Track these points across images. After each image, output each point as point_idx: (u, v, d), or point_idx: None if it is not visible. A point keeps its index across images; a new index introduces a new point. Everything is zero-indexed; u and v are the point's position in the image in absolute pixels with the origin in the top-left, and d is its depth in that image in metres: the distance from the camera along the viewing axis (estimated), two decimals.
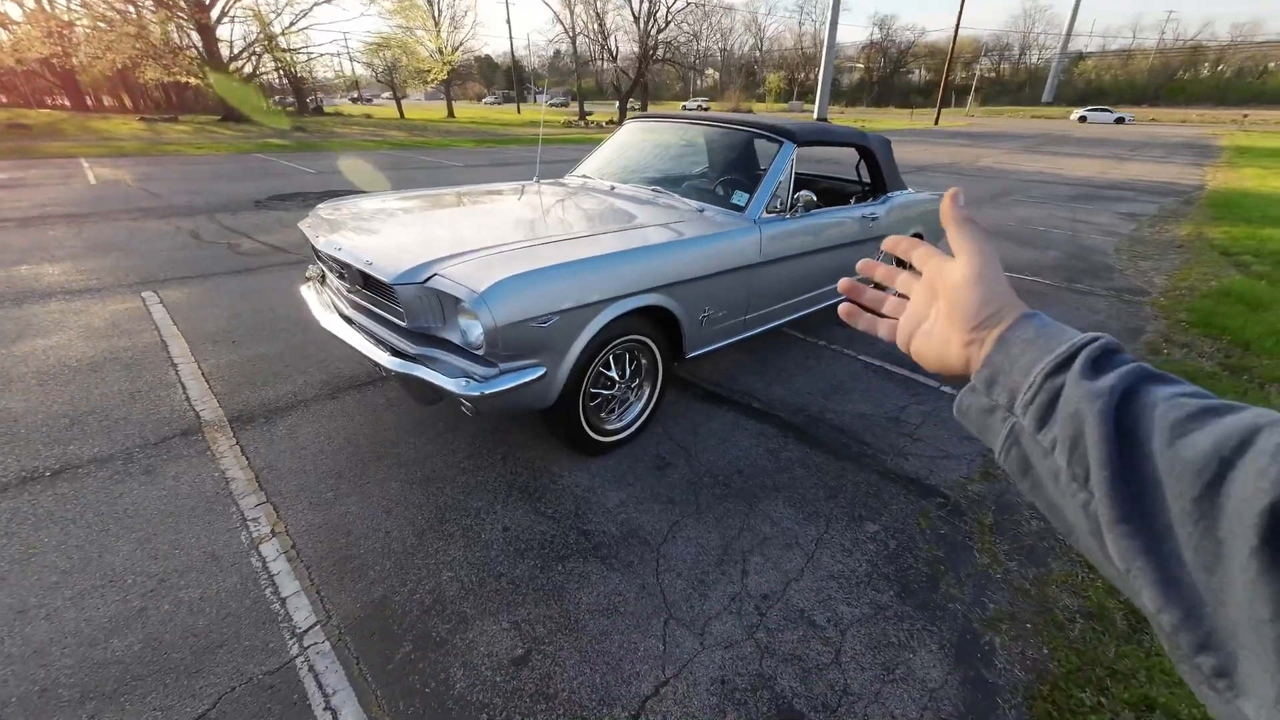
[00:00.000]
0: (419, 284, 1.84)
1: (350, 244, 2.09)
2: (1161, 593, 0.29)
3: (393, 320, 2.05)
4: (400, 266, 1.87)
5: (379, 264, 1.92)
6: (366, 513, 2.04)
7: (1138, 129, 38.41)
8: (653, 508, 2.16)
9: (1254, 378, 3.53)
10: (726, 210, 2.76)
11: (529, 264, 1.87)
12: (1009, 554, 2.06)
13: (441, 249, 1.97)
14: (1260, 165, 17.15)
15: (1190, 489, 0.28)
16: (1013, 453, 0.39)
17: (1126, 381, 0.34)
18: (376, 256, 1.96)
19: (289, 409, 2.66)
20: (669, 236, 2.34)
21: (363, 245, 2.07)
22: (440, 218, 2.53)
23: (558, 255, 1.99)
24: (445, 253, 1.94)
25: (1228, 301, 4.83)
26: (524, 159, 13.96)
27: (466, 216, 2.57)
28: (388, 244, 2.09)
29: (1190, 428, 0.30)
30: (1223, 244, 6.98)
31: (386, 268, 1.89)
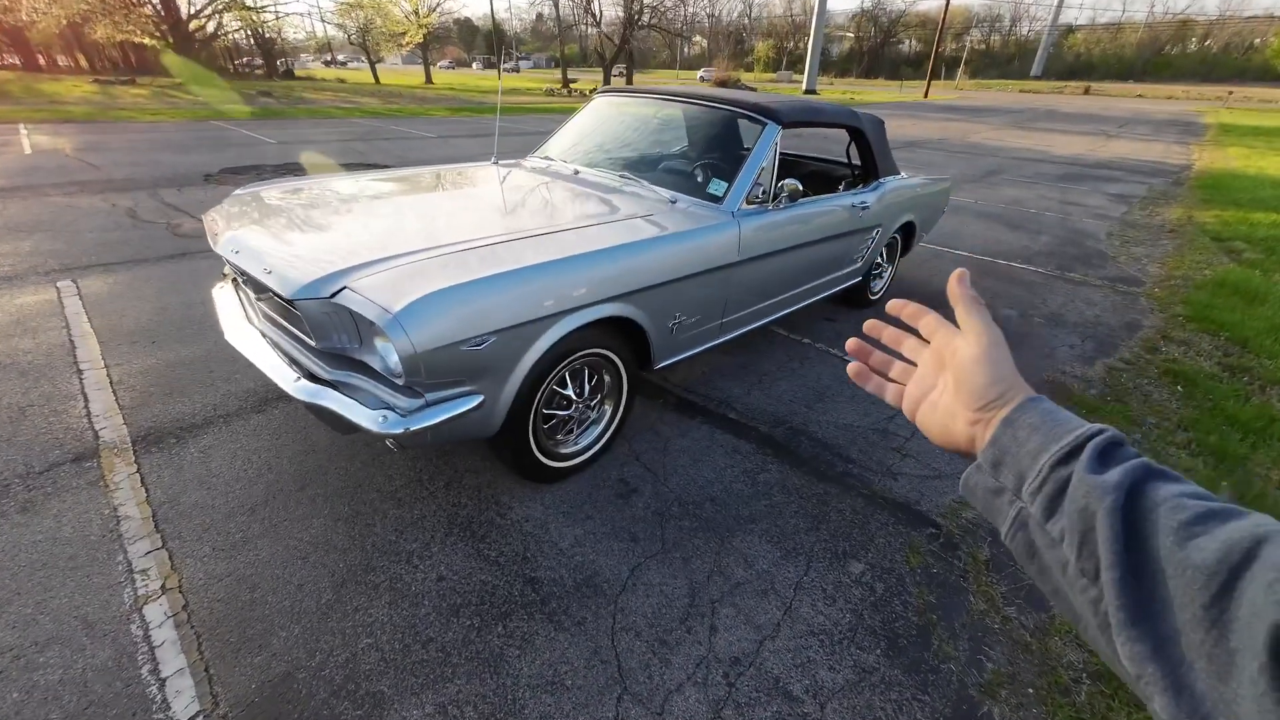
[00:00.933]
0: (324, 299, 1.53)
1: (250, 246, 1.76)
2: (1174, 700, 0.29)
3: (302, 338, 1.74)
4: (302, 277, 1.55)
5: (279, 273, 1.61)
6: (279, 559, 1.77)
7: (1125, 104, 38.15)
8: (612, 547, 1.91)
9: (1255, 378, 3.36)
10: (702, 201, 2.45)
11: (457, 275, 1.57)
12: (1007, 597, 1.85)
13: (355, 255, 1.66)
14: (1246, 144, 17.06)
15: (1200, 595, 0.29)
16: (1019, 537, 0.40)
17: (1132, 478, 0.35)
18: (277, 263, 1.64)
19: (205, 426, 2.35)
20: (634, 235, 2.03)
21: (263, 248, 1.75)
22: (369, 211, 2.18)
23: (495, 262, 1.68)
24: (359, 260, 1.62)
25: (1223, 293, 4.66)
26: (509, 130, 13.33)
27: (400, 210, 2.23)
28: (293, 247, 1.77)
29: (1197, 531, 0.31)
30: (1214, 229, 6.82)
31: (286, 278, 1.57)
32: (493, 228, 2.00)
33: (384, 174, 2.79)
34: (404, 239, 1.82)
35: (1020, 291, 4.60)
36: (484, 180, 2.77)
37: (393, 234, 1.90)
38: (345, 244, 1.78)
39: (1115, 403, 3.03)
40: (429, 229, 1.97)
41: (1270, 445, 2.70)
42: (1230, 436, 2.75)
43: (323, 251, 1.71)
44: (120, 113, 13.06)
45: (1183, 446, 2.69)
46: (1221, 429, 2.81)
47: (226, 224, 1.97)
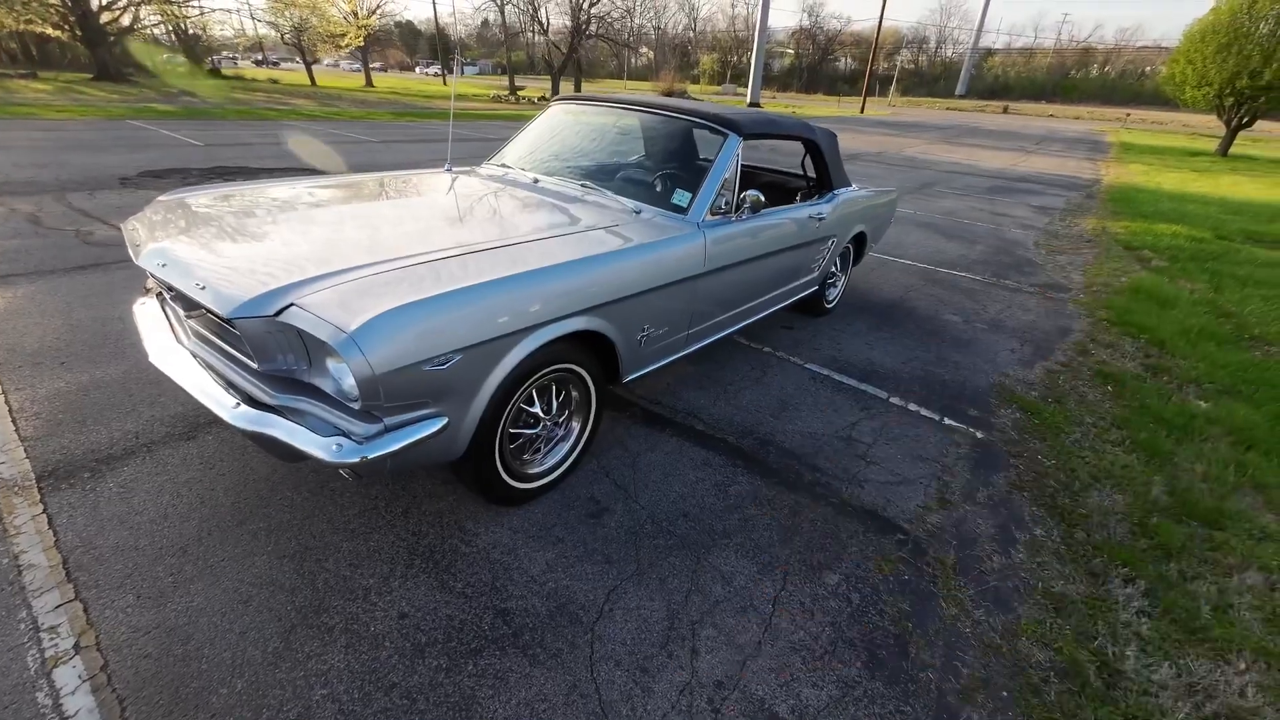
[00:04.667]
0: (268, 317, 1.40)
1: (179, 258, 1.60)
2: None
3: (242, 359, 1.58)
4: (241, 294, 1.41)
5: (214, 289, 1.45)
6: (217, 605, 1.59)
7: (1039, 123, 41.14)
8: (586, 570, 1.83)
9: (1173, 378, 3.63)
10: (666, 212, 2.43)
11: (416, 290, 1.47)
12: (975, 600, 1.89)
13: (300, 269, 1.52)
14: (1144, 162, 18.73)
15: None
16: None
17: None
18: (211, 278, 1.48)
19: (126, 457, 2.11)
20: (602, 247, 1.98)
21: (194, 261, 1.58)
22: (311, 220, 2.03)
23: (457, 277, 1.59)
24: (304, 274, 1.49)
25: (1139, 299, 5.04)
26: (456, 135, 12.99)
27: (346, 220, 2.08)
28: (229, 261, 1.61)
29: None
30: (1125, 239, 7.40)
31: (223, 295, 1.43)
32: (450, 239, 1.89)
33: (326, 180, 2.62)
34: (354, 251, 1.69)
35: (961, 298, 4.82)
36: (438, 188, 2.64)
37: (341, 246, 1.76)
38: (287, 257, 1.64)
39: (1054, 404, 3.19)
40: (380, 241, 1.84)
41: (1193, 441, 2.90)
42: (1158, 433, 2.94)
43: (263, 265, 1.56)
44: (19, 109, 11.94)
45: (1118, 444, 2.86)
46: (1150, 426, 3.00)
47: (150, 233, 1.78)
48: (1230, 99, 21.96)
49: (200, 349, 1.73)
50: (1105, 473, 2.61)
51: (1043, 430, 2.92)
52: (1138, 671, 1.69)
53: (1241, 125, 22.87)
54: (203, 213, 2.02)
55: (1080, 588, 1.98)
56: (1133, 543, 2.20)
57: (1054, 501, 2.40)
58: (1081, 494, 2.46)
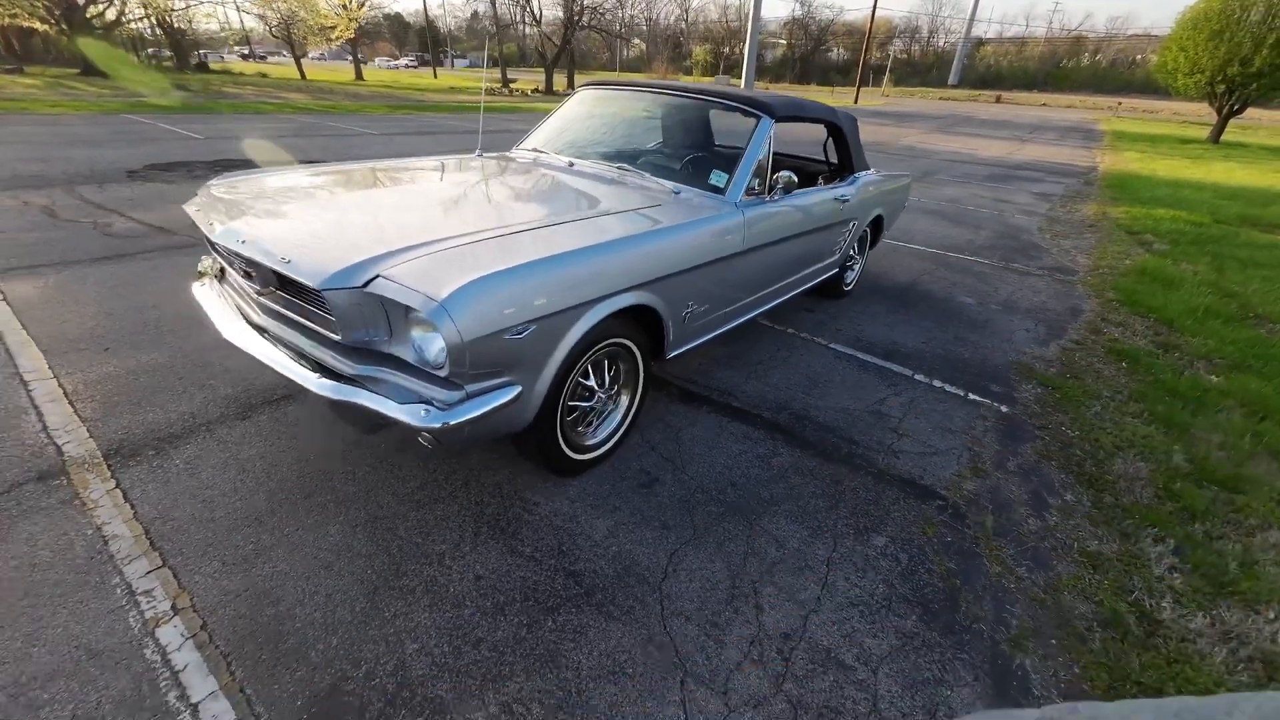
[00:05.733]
0: (356, 289, 1.45)
1: (258, 235, 1.64)
2: None
3: (321, 332, 1.63)
4: (329, 266, 1.46)
5: (301, 263, 1.50)
6: (299, 570, 1.65)
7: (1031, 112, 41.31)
8: (645, 535, 1.90)
9: (1184, 354, 3.73)
10: (705, 192, 2.48)
11: (497, 261, 1.52)
12: (1016, 559, 1.98)
13: (381, 242, 1.57)
14: (1138, 149, 18.89)
15: None
16: None
17: None
18: (296, 252, 1.53)
19: (186, 436, 2.16)
20: (653, 224, 2.03)
21: (275, 237, 1.63)
22: (371, 200, 2.08)
23: (529, 249, 1.64)
24: (387, 248, 1.54)
25: (1145, 280, 5.15)
26: (449, 127, 12.95)
27: (403, 198, 2.13)
28: (307, 235, 1.65)
29: None
30: (1126, 224, 7.51)
31: (311, 268, 1.48)
32: (510, 216, 1.94)
33: (370, 165, 2.65)
34: (424, 227, 1.74)
35: (973, 281, 4.90)
36: (484, 170, 2.68)
37: (409, 222, 1.81)
38: (364, 231, 1.69)
39: (1073, 380, 3.28)
40: (445, 217, 1.90)
41: (1208, 413, 3.00)
42: (1174, 406, 3.04)
43: (343, 239, 1.61)
44: (11, 104, 11.78)
45: (1136, 416, 2.95)
46: (1165, 399, 3.10)
47: (219, 213, 1.82)
48: (1222, 86, 22.16)
49: (273, 325, 1.77)
50: (1127, 442, 2.70)
51: (1064, 404, 3.01)
52: (1175, 621, 1.78)
53: (1233, 113, 23.10)
54: (266, 194, 2.06)
55: (1114, 546, 2.07)
56: (1159, 506, 2.29)
57: (1081, 469, 2.49)
58: (1106, 462, 2.55)
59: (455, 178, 2.53)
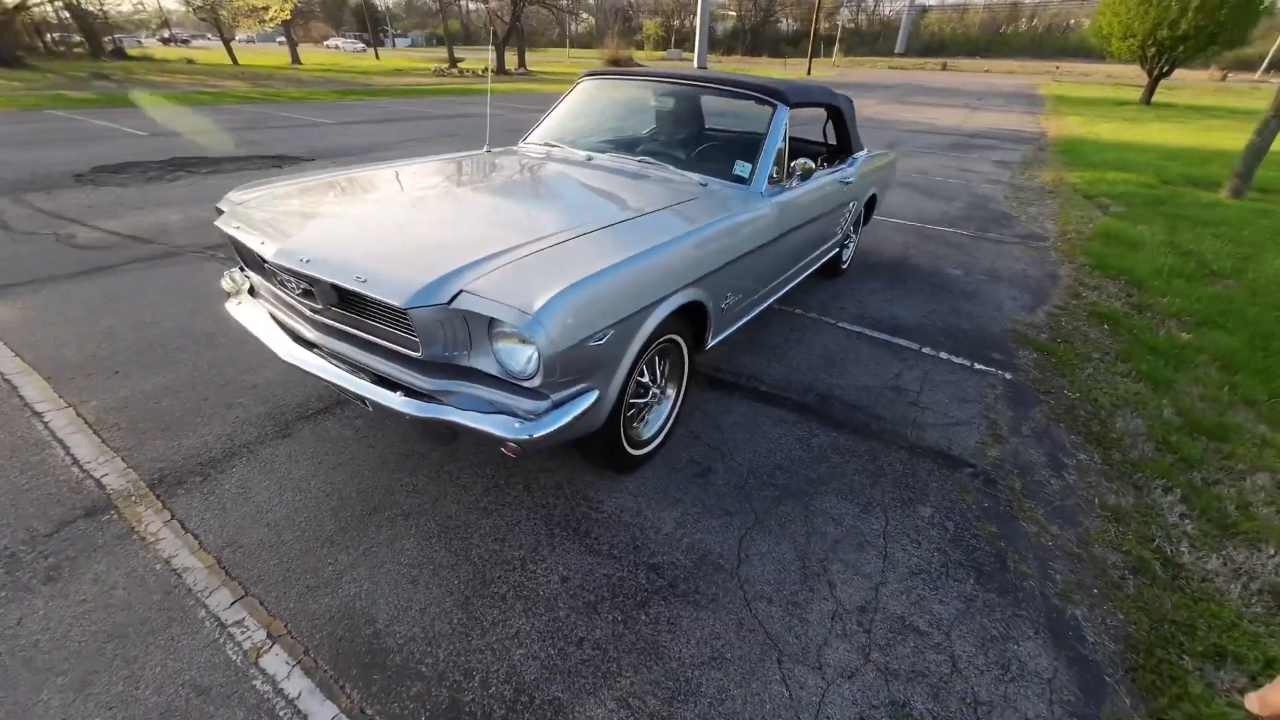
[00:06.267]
0: (441, 305, 1.44)
1: (323, 254, 1.59)
2: None
3: (393, 349, 1.61)
4: (411, 284, 1.44)
5: (378, 282, 1.47)
6: (386, 587, 1.66)
7: (976, 79, 42.41)
8: (711, 524, 1.97)
9: (1156, 313, 4.00)
10: (730, 183, 2.52)
11: (573, 269, 1.53)
12: (1048, 518, 2.13)
13: (453, 256, 1.56)
14: (1079, 113, 19.68)
15: None
16: None
17: None
18: (370, 271, 1.50)
19: (229, 459, 2.10)
20: (698, 221, 2.06)
21: (343, 255, 1.59)
22: (415, 209, 2.03)
23: (597, 254, 1.65)
24: (461, 261, 1.53)
25: (1110, 243, 5.45)
26: (408, 113, 12.47)
27: (449, 206, 2.09)
28: (377, 252, 1.62)
29: None
30: (1082, 188, 7.89)
31: (392, 287, 1.45)
32: (563, 219, 1.94)
33: (388, 168, 2.57)
34: (485, 236, 1.73)
35: (956, 253, 5.10)
36: (510, 170, 2.63)
37: (469, 231, 1.79)
38: (431, 245, 1.67)
39: (1064, 344, 3.49)
40: (501, 224, 1.88)
41: (1187, 368, 3.25)
42: (1156, 363, 3.27)
43: (415, 254, 1.59)
44: None
45: (1125, 375, 3.17)
46: (1148, 358, 3.34)
47: (270, 230, 1.75)
48: (1152, 49, 23.19)
49: (331, 343, 1.74)
50: (1123, 400, 2.91)
51: (1060, 368, 3.21)
52: (1194, 564, 1.97)
53: (1162, 74, 24.24)
54: (302, 206, 1.98)
55: (1129, 500, 2.25)
56: (1161, 458, 2.50)
57: (1088, 429, 2.68)
58: (1108, 420, 2.75)
59: (484, 180, 2.48)
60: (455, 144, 8.90)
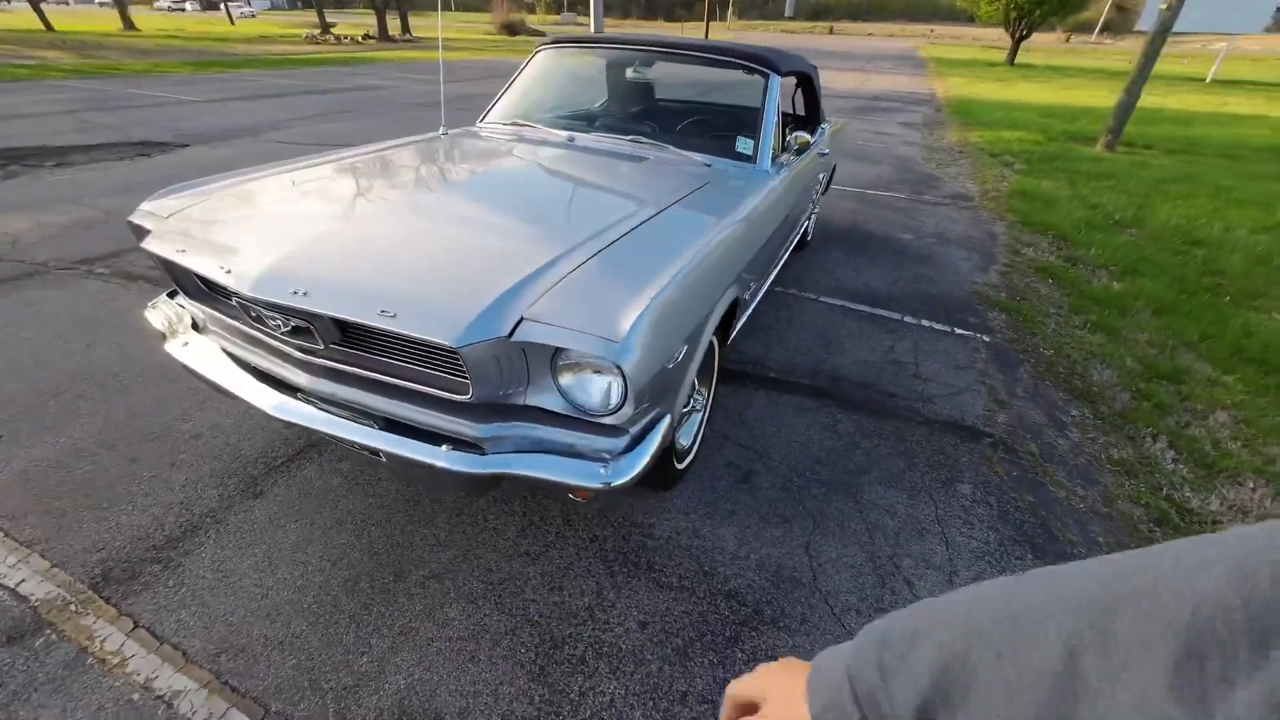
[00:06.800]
0: (501, 339, 1.17)
1: (323, 283, 1.25)
2: None
3: (428, 392, 1.31)
4: (461, 316, 1.15)
5: (414, 315, 1.17)
6: (444, 671, 1.40)
7: (862, 42, 44.51)
8: (773, 534, 1.86)
9: (1086, 265, 4.32)
10: (735, 162, 2.34)
11: (640, 283, 1.31)
12: (1070, 479, 2.21)
13: (496, 275, 1.27)
14: (959, 74, 21.12)
15: None
16: None
17: None
18: (398, 302, 1.19)
19: (191, 535, 1.70)
20: (726, 211, 1.87)
21: (351, 284, 1.25)
22: (409, 215, 1.66)
23: (651, 262, 1.43)
24: (508, 281, 1.25)
25: (1028, 200, 5.84)
26: (294, 87, 11.03)
27: (444, 209, 1.73)
28: (391, 275, 1.29)
29: None
30: (985, 148, 8.42)
31: (436, 321, 1.15)
32: (587, 218, 1.67)
33: (338, 160, 2.14)
34: (514, 246, 1.44)
35: (900, 216, 5.25)
36: (494, 158, 2.27)
37: (487, 242, 1.48)
38: (456, 261, 1.36)
39: (1023, 301, 3.68)
40: (519, 230, 1.58)
41: (1127, 315, 3.53)
42: (1102, 313, 3.53)
43: (441, 275, 1.29)
44: None
45: (1082, 327, 3.39)
46: (1094, 309, 3.59)
47: (232, 253, 1.35)
48: (1014, 13, 25.23)
49: (333, 388, 1.40)
50: (1089, 352, 3.10)
51: (1028, 325, 3.37)
52: (1201, 507, 2.12)
53: (1023, 37, 26.49)
54: (261, 217, 1.57)
55: (1129, 451, 2.39)
56: (1139, 406, 2.67)
57: (1070, 384, 2.83)
58: (1084, 374, 2.91)
59: (471, 173, 2.13)
60: (357, 120, 7.98)
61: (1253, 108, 14.77)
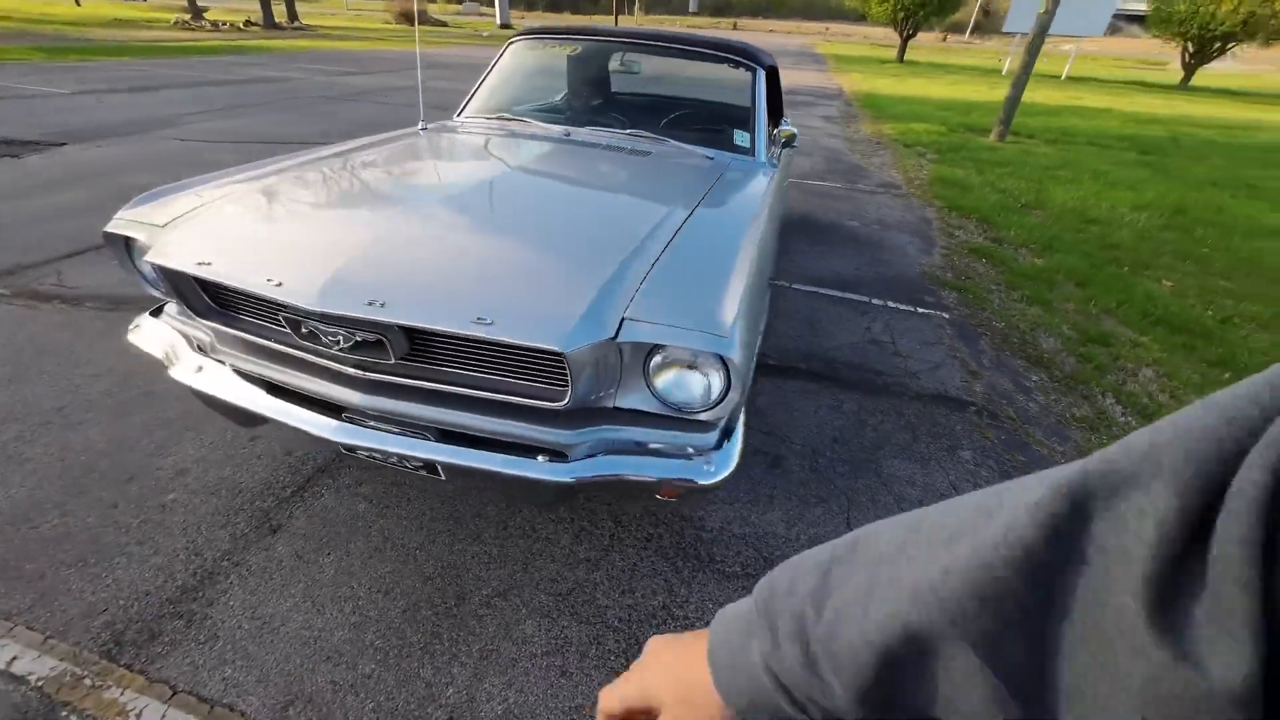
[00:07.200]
0: (606, 341, 1.13)
1: (401, 291, 1.14)
2: None
3: (513, 401, 1.23)
4: (565, 319, 1.10)
5: (513, 320, 1.09)
6: (538, 691, 1.34)
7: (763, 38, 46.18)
8: (815, 515, 1.92)
9: (1010, 244, 4.78)
10: (737, 156, 2.37)
11: (721, 278, 1.31)
12: (1048, 437, 2.46)
13: (583, 276, 1.23)
14: (857, 71, 22.50)
15: None
16: None
17: None
18: (492, 308, 1.11)
19: (209, 583, 1.51)
20: (750, 205, 1.89)
21: (431, 291, 1.15)
22: (448, 217, 1.53)
23: (718, 257, 1.43)
24: (599, 281, 1.21)
25: (948, 187, 6.35)
26: (181, 79, 9.86)
27: (481, 209, 1.62)
28: (468, 280, 1.20)
29: None
30: (899, 139, 9.06)
31: (538, 325, 1.09)
32: (635, 214, 1.64)
33: (322, 161, 1.95)
34: (578, 249, 1.40)
35: (843, 204, 5.55)
36: (506, 154, 2.15)
37: (558, 242, 1.43)
38: (533, 264, 1.29)
39: (968, 280, 4.01)
40: (575, 228, 1.53)
41: (1054, 288, 3.94)
42: (1034, 288, 3.92)
43: (525, 279, 1.22)
44: None
45: (1021, 301, 3.75)
46: (1027, 284, 3.98)
47: (272, 264, 1.20)
48: (902, 14, 27.17)
49: (398, 406, 1.28)
50: (1033, 323, 3.44)
51: (977, 302, 3.68)
52: None
53: (911, 35, 28.60)
54: (281, 223, 1.41)
55: (1087, 409, 2.68)
56: (1085, 368, 3.01)
57: (1025, 352, 3.13)
58: (1034, 342, 3.23)
59: (484, 169, 2.00)
60: (270, 114, 7.27)
61: (1102, 101, 16.83)
